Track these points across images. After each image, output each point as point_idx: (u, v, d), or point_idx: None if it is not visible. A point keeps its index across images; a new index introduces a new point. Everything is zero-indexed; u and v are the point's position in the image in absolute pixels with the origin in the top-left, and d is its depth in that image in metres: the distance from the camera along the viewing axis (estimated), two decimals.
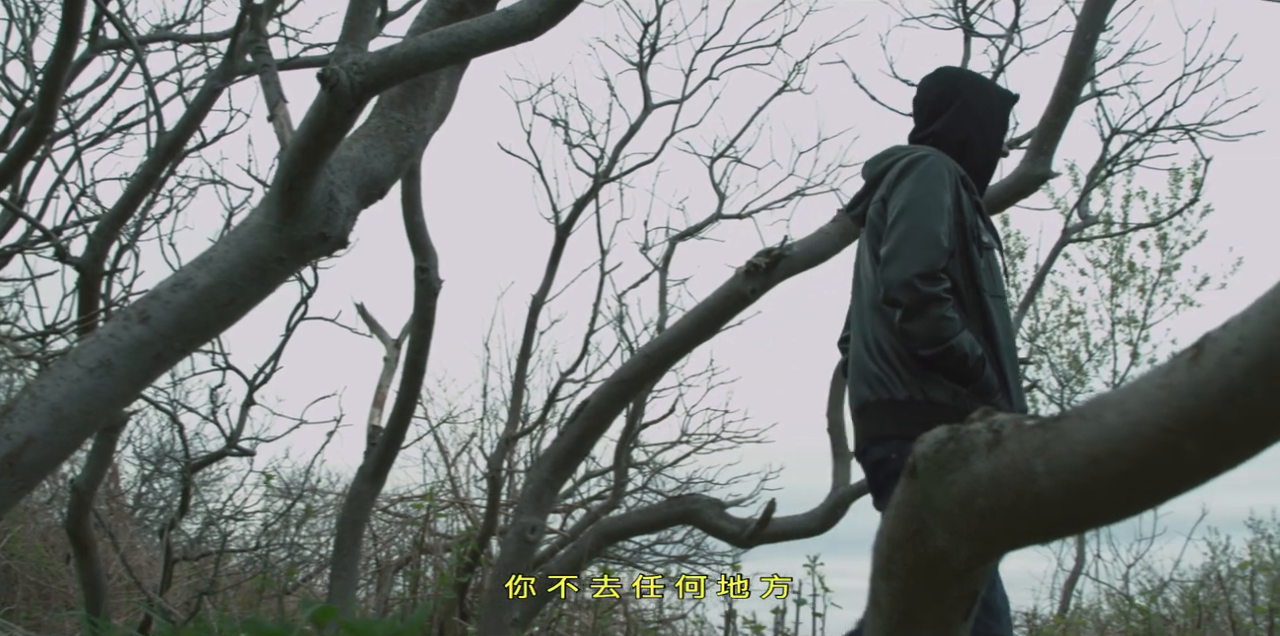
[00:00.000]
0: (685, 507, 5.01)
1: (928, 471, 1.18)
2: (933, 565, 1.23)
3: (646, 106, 5.69)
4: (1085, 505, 1.06)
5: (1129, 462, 1.01)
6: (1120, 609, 8.82)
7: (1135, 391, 1.02)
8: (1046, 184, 8.88)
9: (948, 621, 1.30)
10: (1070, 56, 3.17)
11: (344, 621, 1.51)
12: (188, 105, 3.96)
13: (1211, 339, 0.99)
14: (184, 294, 1.97)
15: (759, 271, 3.33)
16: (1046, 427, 1.08)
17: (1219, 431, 0.96)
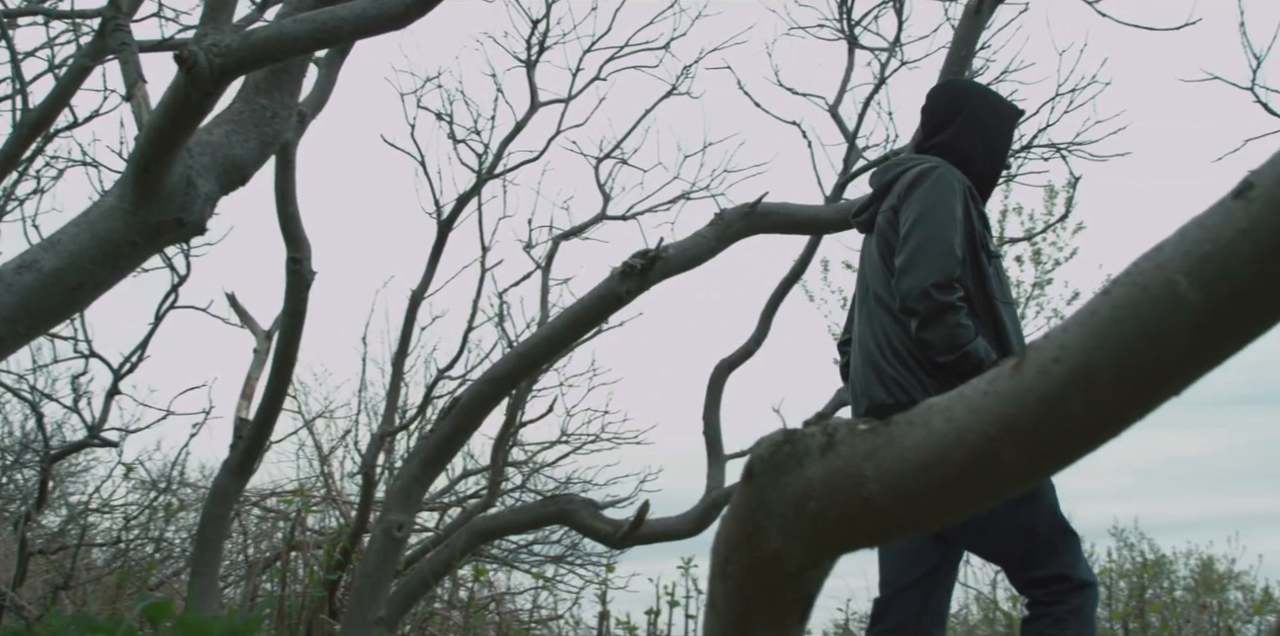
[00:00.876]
0: (559, 507, 4.99)
1: (763, 474, 1.19)
2: (768, 567, 1.24)
3: (533, 104, 5.67)
4: (912, 509, 1.08)
5: (954, 468, 1.03)
6: (987, 613, 9.02)
7: (962, 398, 1.04)
8: None
9: (783, 623, 1.31)
10: (945, 71, 3.23)
11: (180, 617, 1.47)
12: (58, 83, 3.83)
13: (1034, 348, 1.02)
14: (29, 276, 1.90)
15: (634, 272, 3.34)
16: (877, 433, 1.09)
17: (1038, 439, 0.98)
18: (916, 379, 2.79)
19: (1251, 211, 0.86)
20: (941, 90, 3.19)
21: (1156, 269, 0.91)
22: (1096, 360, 0.93)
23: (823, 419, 1.17)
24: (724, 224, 3.40)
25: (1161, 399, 0.97)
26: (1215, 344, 0.91)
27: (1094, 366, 0.94)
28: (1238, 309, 0.88)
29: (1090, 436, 0.98)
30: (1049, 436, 0.98)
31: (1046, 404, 0.96)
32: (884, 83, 4.85)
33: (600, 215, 6.06)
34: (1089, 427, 0.97)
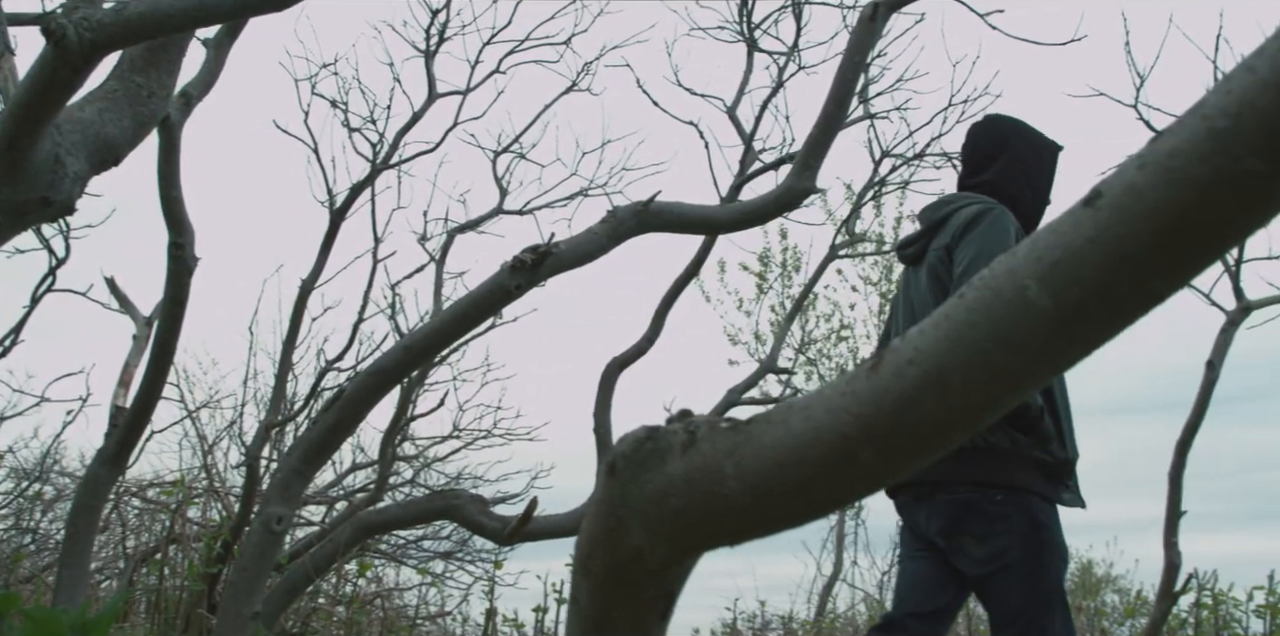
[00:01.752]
0: (447, 503, 4.94)
1: (626, 470, 1.18)
2: (629, 563, 1.23)
3: (431, 95, 5.60)
4: (770, 508, 1.08)
5: (811, 467, 1.03)
6: (873, 614, 9.15)
7: (821, 398, 1.04)
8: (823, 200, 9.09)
9: (644, 620, 1.30)
10: (839, 77, 3.27)
11: (26, 610, 1.42)
12: None
13: (891, 350, 1.02)
14: None
15: (524, 267, 3.31)
16: (738, 431, 1.09)
17: (893, 439, 0.99)
18: None
19: (1099, 220, 0.87)
20: (983, 127, 3.24)
21: (1009, 274, 0.92)
22: (950, 363, 0.95)
23: (686, 416, 1.17)
24: (616, 221, 3.39)
25: (1012, 401, 0.98)
26: (1064, 348, 0.93)
27: (947, 369, 0.95)
28: (1085, 315, 0.90)
29: (943, 437, 1.00)
30: (904, 437, 0.99)
31: (901, 405, 0.97)
32: (782, 86, 4.89)
33: (497, 209, 6.02)
34: (942, 428, 0.98)
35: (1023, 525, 2.80)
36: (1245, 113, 0.81)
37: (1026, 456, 2.80)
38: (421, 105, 5.60)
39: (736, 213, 3.61)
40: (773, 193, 3.49)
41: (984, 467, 2.80)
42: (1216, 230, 0.86)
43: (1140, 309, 0.91)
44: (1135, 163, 0.87)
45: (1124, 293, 0.88)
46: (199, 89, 3.31)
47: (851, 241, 6.07)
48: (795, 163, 3.43)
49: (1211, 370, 5.07)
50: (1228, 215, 0.84)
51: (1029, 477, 2.83)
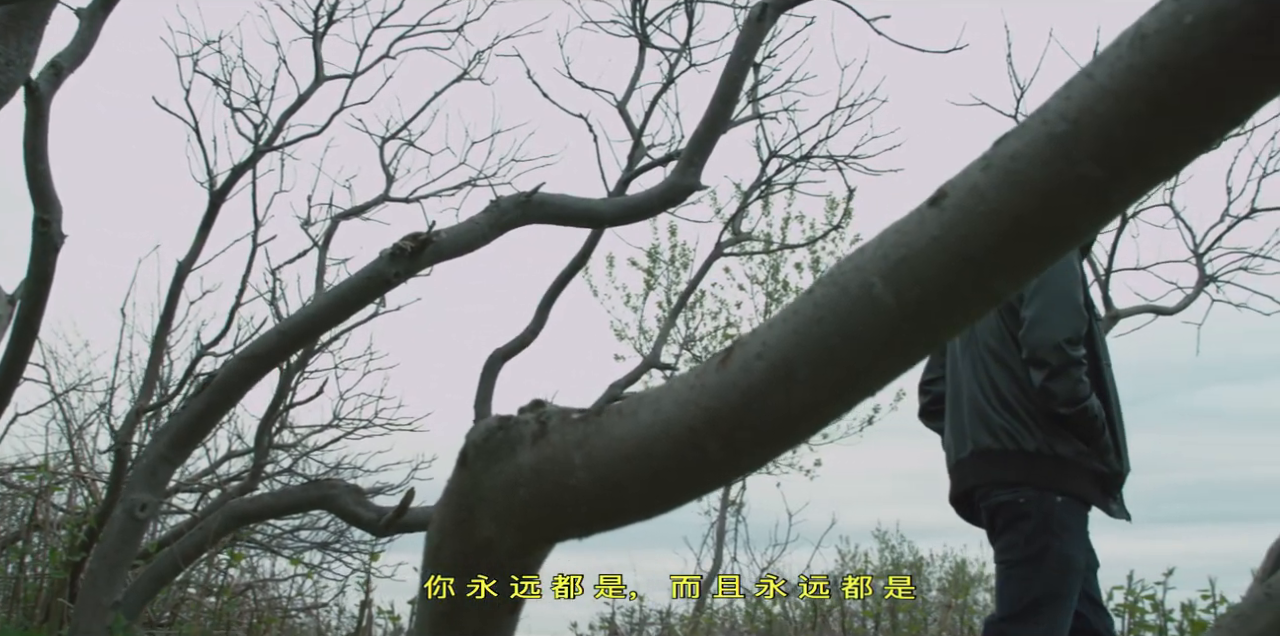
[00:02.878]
0: (322, 492, 4.86)
1: (477, 460, 1.17)
2: (479, 554, 1.22)
3: (318, 78, 5.49)
4: (619, 499, 1.08)
5: (658, 460, 1.03)
6: (749, 610, 9.23)
7: (670, 390, 1.04)
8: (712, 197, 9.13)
9: (494, 611, 1.29)
10: (726, 76, 3.28)
11: None
12: None
13: (740, 343, 1.03)
14: None
15: (404, 255, 3.27)
16: (589, 422, 1.08)
17: (740, 433, 0.99)
18: (1024, 427, 2.90)
19: (943, 219, 0.88)
20: None
21: (856, 270, 0.93)
22: (796, 357, 0.95)
23: (539, 406, 1.16)
24: (499, 211, 3.36)
25: (859, 397, 0.99)
26: (907, 345, 0.93)
27: (794, 363, 0.95)
28: (928, 313, 0.91)
29: (790, 431, 1.00)
30: (750, 430, 0.99)
31: (748, 399, 0.97)
32: (672, 82, 4.91)
33: (383, 196, 5.93)
34: (789, 423, 0.98)
35: (1036, 528, 2.88)
36: (1084, 118, 0.82)
37: (1086, 466, 2.91)
38: (308, 87, 5.49)
39: (620, 206, 3.61)
40: (657, 188, 3.50)
41: (1047, 473, 2.91)
42: (1055, 233, 0.87)
43: (981, 308, 0.92)
44: (980, 164, 0.89)
45: (965, 292, 0.89)
46: (70, 60, 3.20)
47: (737, 239, 6.12)
48: (680, 159, 3.44)
49: None
50: (1066, 218, 0.86)
51: (1083, 486, 2.92)
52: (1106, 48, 0.83)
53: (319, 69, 5.51)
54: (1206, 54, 0.77)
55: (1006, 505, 2.92)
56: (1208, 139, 0.83)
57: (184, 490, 7.99)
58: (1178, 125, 0.80)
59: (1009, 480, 2.92)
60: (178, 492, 7.74)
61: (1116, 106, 0.81)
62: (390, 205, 5.98)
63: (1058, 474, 2.90)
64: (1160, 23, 0.78)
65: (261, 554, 8.49)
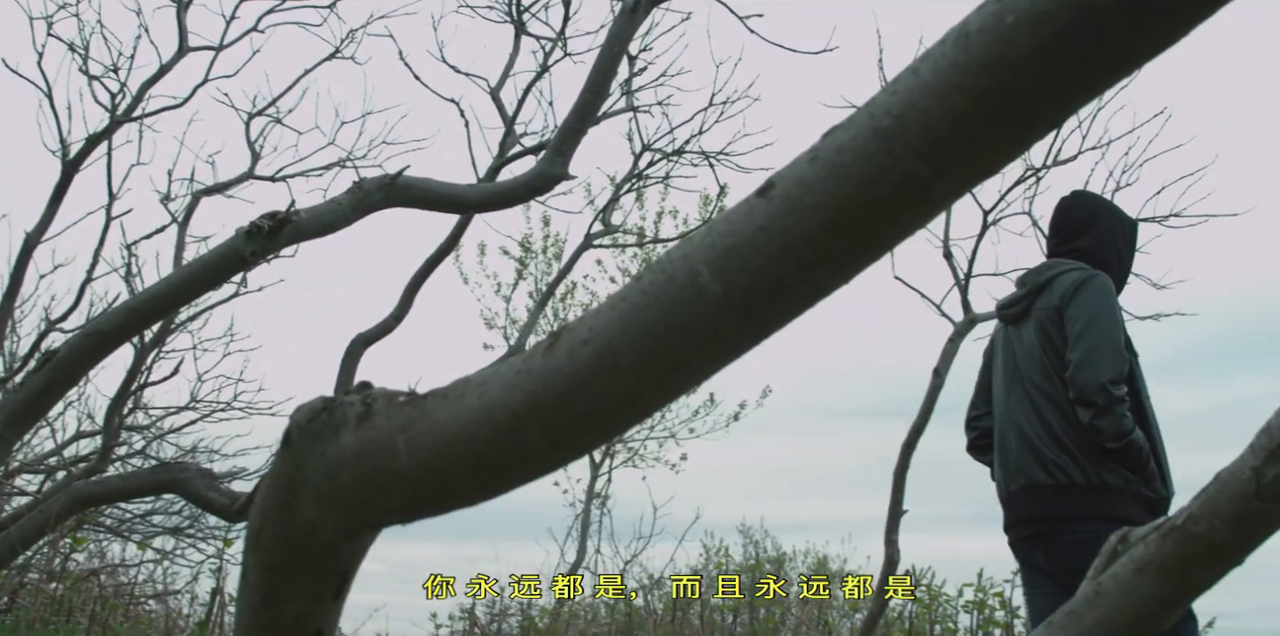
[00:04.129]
0: (172, 476, 4.72)
1: (300, 441, 1.13)
2: (301, 538, 1.18)
3: (181, 48, 5.31)
4: (441, 484, 1.06)
5: (481, 445, 1.01)
6: (609, 602, 9.25)
7: (496, 375, 1.02)
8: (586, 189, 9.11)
9: (317, 597, 1.26)
10: (598, 66, 3.27)
11: None
12: None
13: (568, 329, 1.01)
14: None
15: (261, 233, 3.19)
16: (413, 405, 1.06)
17: (563, 420, 0.98)
18: (1075, 461, 3.13)
19: (770, 210, 0.88)
20: (1075, 200, 3.57)
21: (684, 259, 0.92)
22: (621, 345, 0.94)
23: (366, 388, 1.13)
24: (362, 193, 3.30)
25: (683, 386, 0.99)
26: (733, 335, 0.93)
27: (619, 351, 0.94)
28: (753, 303, 0.90)
29: (613, 420, 0.99)
30: (573, 418, 0.98)
31: (572, 385, 0.96)
32: (546, 71, 4.87)
33: (248, 173, 5.78)
34: (612, 411, 0.97)
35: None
36: (908, 114, 0.83)
37: (1134, 492, 3.14)
38: (170, 58, 5.30)
39: (486, 193, 3.57)
40: (524, 176, 3.48)
41: (1098, 504, 3.15)
42: (879, 227, 0.87)
43: (806, 300, 0.92)
44: (807, 156, 0.88)
45: (790, 283, 0.89)
46: None
47: (607, 231, 6.12)
48: (549, 148, 3.42)
49: (938, 377, 5.33)
50: (889, 213, 0.86)
51: (1137, 513, 3.12)
52: (933, 45, 0.83)
53: (183, 39, 5.33)
54: (1026, 55, 0.78)
55: (1091, 541, 3.10)
56: (1027, 138, 0.85)
57: (28, 471, 7.71)
58: (998, 124, 0.81)
59: (1069, 515, 3.17)
60: (20, 473, 7.46)
61: (940, 103, 0.81)
62: (255, 183, 5.83)
63: (1111, 503, 3.15)
64: (983, 22, 0.79)
65: (110, 538, 8.24)
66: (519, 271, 10.56)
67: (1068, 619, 2.63)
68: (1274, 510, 2.32)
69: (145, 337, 6.15)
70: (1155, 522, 2.67)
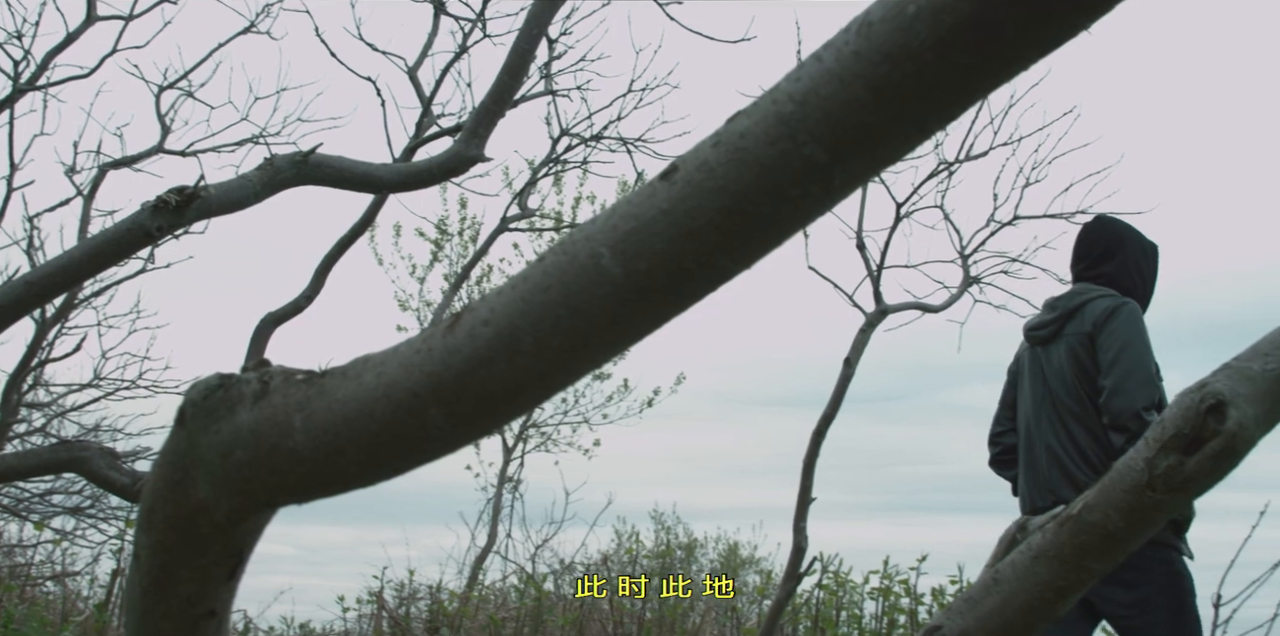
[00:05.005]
0: (71, 454, 4.60)
1: (195, 418, 1.12)
2: (194, 517, 1.17)
3: (89, 17, 5.17)
4: (337, 465, 1.04)
5: (379, 425, 1.00)
6: (519, 587, 9.25)
7: (396, 354, 1.01)
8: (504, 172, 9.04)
9: (209, 578, 1.24)
10: (515, 48, 3.25)
11: None
12: None
13: (470, 308, 1.01)
14: None
15: (168, 208, 3.12)
16: (312, 383, 1.05)
17: (462, 400, 0.97)
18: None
19: (672, 193, 0.88)
20: (1099, 226, 3.71)
21: (586, 240, 0.92)
22: (522, 325, 0.94)
23: (263, 365, 1.12)
24: (273, 170, 3.24)
25: (584, 368, 0.99)
26: (633, 318, 0.93)
27: (519, 331, 0.94)
28: (655, 286, 0.91)
29: (513, 402, 0.99)
30: (473, 398, 0.97)
31: (472, 365, 0.96)
32: (465, 52, 4.83)
33: (157, 147, 5.66)
34: (513, 393, 0.97)
35: (1164, 575, 3.30)
36: (811, 100, 0.83)
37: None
38: (77, 26, 5.15)
39: (400, 173, 3.53)
40: (439, 157, 3.44)
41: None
42: (780, 213, 0.88)
43: (708, 284, 0.93)
44: (711, 140, 0.89)
45: (691, 267, 0.90)
46: None
47: (524, 215, 6.10)
48: (464, 130, 3.39)
49: (848, 367, 5.39)
50: (790, 199, 0.87)
51: (1167, 533, 3.31)
52: (838, 32, 0.84)
53: (91, 7, 5.18)
54: (926, 45, 0.79)
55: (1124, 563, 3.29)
56: (927, 129, 0.86)
57: None
58: (898, 113, 0.82)
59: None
60: None
61: (841, 91, 0.82)
62: (165, 157, 5.71)
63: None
64: (885, 11, 0.80)
65: (7, 518, 8.06)
66: (434, 253, 10.47)
67: (966, 605, 2.68)
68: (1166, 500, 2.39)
69: (47, 313, 6.01)
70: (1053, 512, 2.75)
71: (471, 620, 8.01)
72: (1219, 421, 2.35)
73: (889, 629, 7.78)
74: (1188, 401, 2.37)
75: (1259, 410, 2.41)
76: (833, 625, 7.75)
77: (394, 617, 8.08)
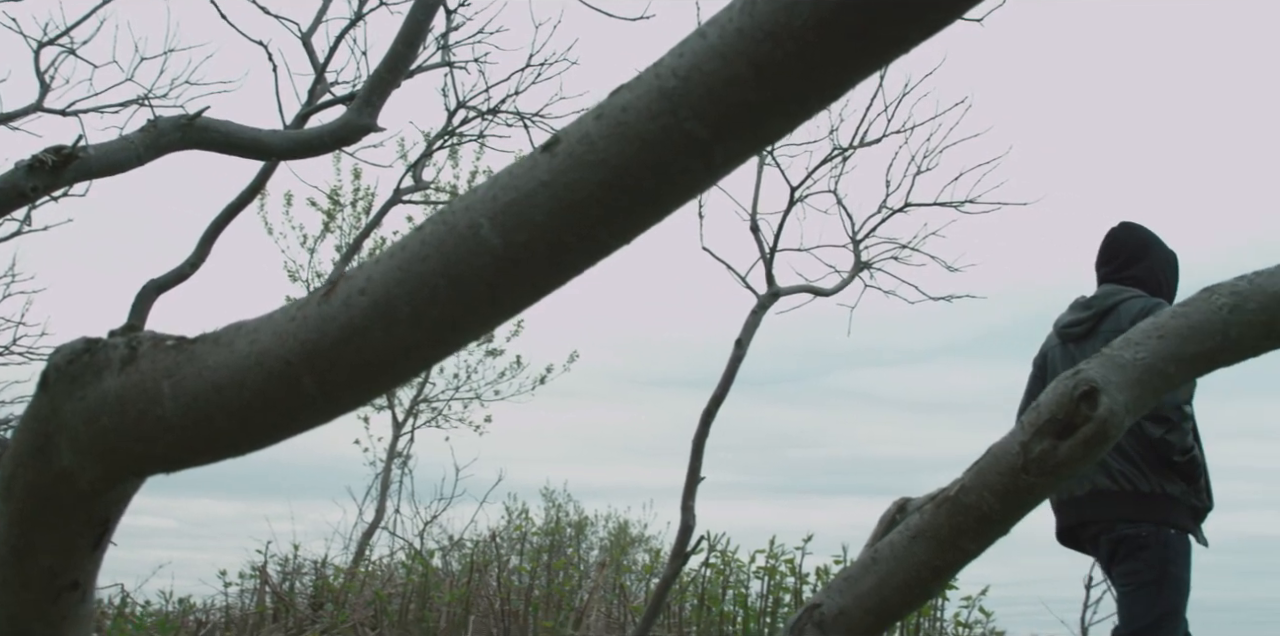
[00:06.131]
0: None
1: (59, 383, 1.09)
2: (56, 486, 1.14)
3: None
4: (207, 433, 1.02)
5: (250, 393, 0.98)
6: (406, 563, 9.18)
7: (270, 321, 0.99)
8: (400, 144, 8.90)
9: (73, 547, 1.21)
10: (411, 17, 3.20)
11: None
12: None
13: (347, 276, 0.99)
14: None
15: (44, 168, 3.02)
16: (181, 349, 1.03)
17: (336, 369, 0.96)
18: (1139, 470, 3.54)
19: (554, 165, 0.88)
20: (1126, 232, 3.95)
21: (465, 210, 0.91)
22: (399, 294, 0.93)
23: (132, 330, 1.09)
24: (156, 132, 3.15)
25: (461, 340, 0.98)
26: (512, 290, 0.93)
27: (396, 301, 0.93)
28: (533, 258, 0.90)
29: (390, 371, 0.97)
30: (347, 367, 0.96)
31: (348, 334, 0.94)
32: (361, 19, 4.74)
33: (36, 105, 5.46)
34: (388, 362, 0.96)
35: (1156, 556, 3.54)
36: (693, 76, 0.83)
37: (1187, 503, 3.58)
38: None
39: (290, 140, 3.46)
40: (331, 125, 3.38)
41: (1157, 510, 3.57)
42: (660, 188, 0.88)
43: (587, 258, 0.93)
44: (593, 113, 0.88)
45: (571, 240, 0.89)
46: None
47: (418, 187, 6.02)
48: (357, 98, 3.34)
49: (739, 348, 5.42)
50: (670, 175, 0.87)
51: (1181, 518, 3.59)
52: (722, 9, 0.84)
53: None
54: (809, 25, 0.79)
55: (1130, 538, 3.55)
56: (808, 109, 0.86)
57: None
58: (779, 92, 0.83)
59: (1128, 516, 3.57)
60: None
61: (724, 67, 0.82)
62: (43, 116, 5.50)
63: (1168, 510, 3.58)
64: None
65: None
66: (326, 224, 10.29)
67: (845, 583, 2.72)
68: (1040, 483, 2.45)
69: None
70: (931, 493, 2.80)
71: (357, 595, 7.93)
72: (1091, 407, 2.42)
73: (774, 607, 7.89)
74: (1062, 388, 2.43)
75: (1129, 397, 2.48)
76: (718, 603, 7.82)
77: (277, 592, 7.97)
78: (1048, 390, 2.55)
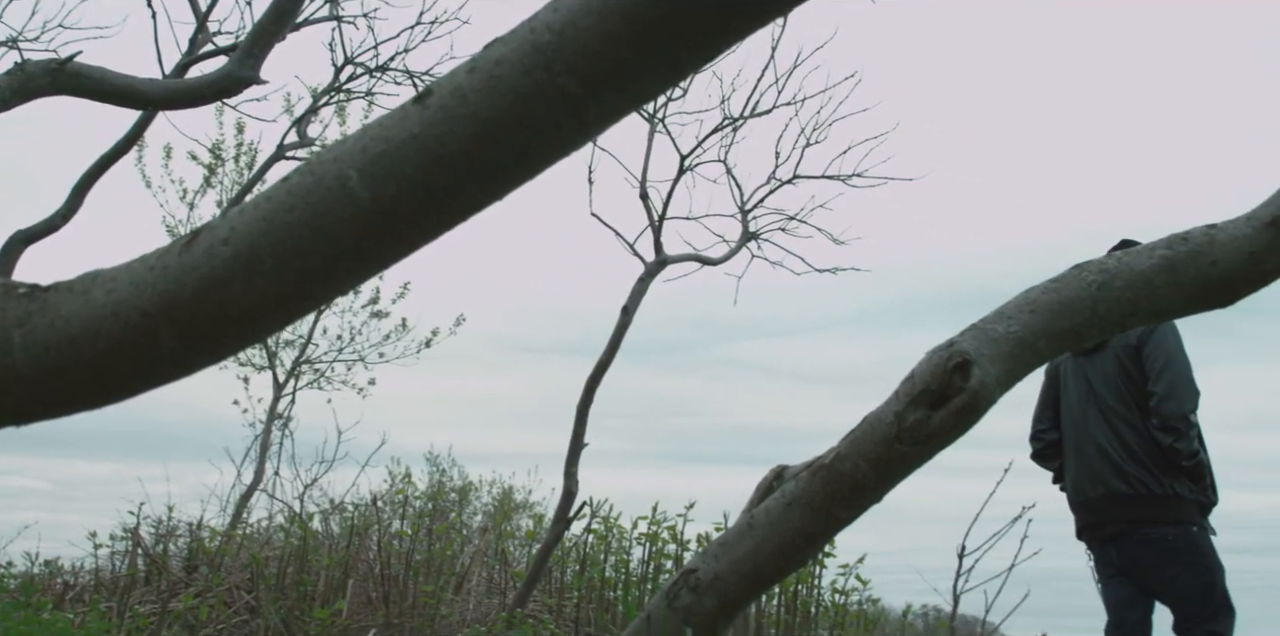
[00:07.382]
0: None
1: None
2: None
3: None
4: (60, 385, 0.99)
5: (106, 343, 0.95)
6: (285, 527, 9.03)
7: (129, 270, 0.96)
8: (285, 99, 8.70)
9: None
10: None
11: None
12: None
13: (209, 226, 0.97)
14: None
15: None
16: (34, 298, 0.99)
17: (196, 321, 0.93)
18: (1151, 474, 3.74)
19: (425, 117, 0.87)
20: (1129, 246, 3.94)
21: (334, 161, 0.89)
22: (264, 246, 0.90)
23: None
24: (24, 76, 3.03)
25: (326, 294, 0.96)
26: (379, 243, 0.91)
27: (259, 252, 0.91)
28: (402, 211, 0.89)
29: (253, 324, 0.95)
30: (210, 320, 0.94)
31: (209, 285, 0.92)
32: None
33: None
34: (251, 314, 0.94)
35: (1189, 555, 3.75)
36: (569, 31, 0.83)
37: (1195, 500, 3.77)
38: None
39: (167, 90, 3.35)
40: (211, 75, 3.28)
41: (1169, 510, 3.77)
42: (532, 144, 0.87)
43: (457, 213, 0.91)
44: (466, 66, 0.87)
45: (440, 194, 0.88)
46: None
47: (302, 143, 5.89)
48: (239, 50, 3.24)
49: (626, 315, 5.43)
50: (541, 131, 0.86)
51: (1194, 516, 3.79)
52: None
53: None
54: None
55: (1156, 541, 3.77)
56: (681, 68, 0.86)
57: None
58: (653, 49, 0.83)
59: (1146, 519, 3.79)
60: None
61: (599, 23, 0.82)
62: None
63: (1180, 509, 3.79)
64: None
65: None
66: (207, 178, 9.97)
67: (720, 549, 2.75)
68: (913, 452, 2.50)
69: None
70: (807, 461, 2.83)
71: (233, 559, 7.80)
72: (964, 379, 2.47)
73: (655, 574, 7.96)
74: (936, 359, 2.47)
75: (1001, 370, 2.54)
76: (599, 568, 7.87)
77: (150, 555, 7.79)
78: (922, 361, 2.59)
